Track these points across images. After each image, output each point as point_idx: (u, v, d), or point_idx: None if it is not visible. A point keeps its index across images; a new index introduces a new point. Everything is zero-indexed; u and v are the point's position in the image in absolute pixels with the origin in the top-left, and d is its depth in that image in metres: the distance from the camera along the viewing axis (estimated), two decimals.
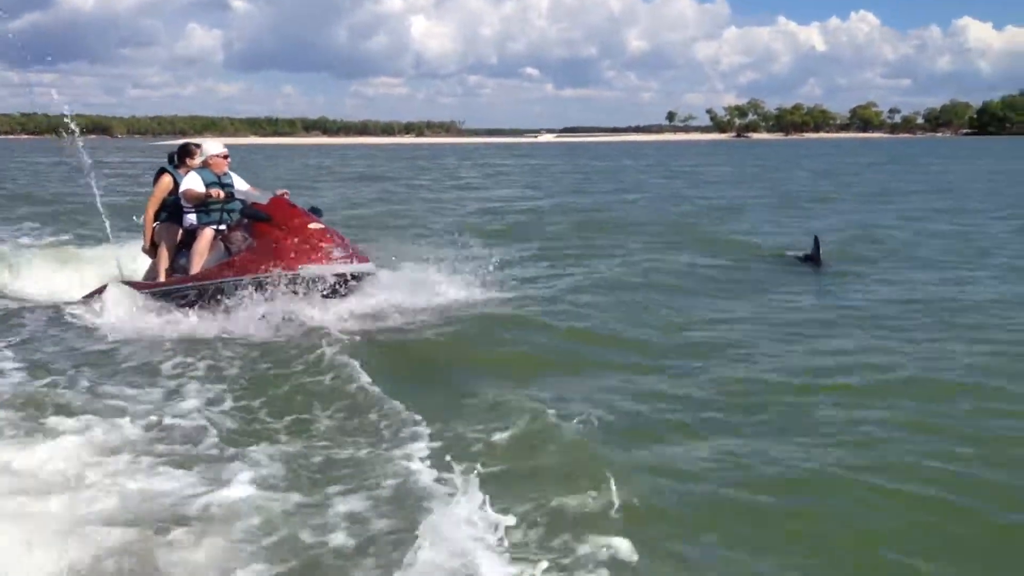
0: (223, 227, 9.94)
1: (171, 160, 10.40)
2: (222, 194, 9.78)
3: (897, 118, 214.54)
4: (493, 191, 31.07)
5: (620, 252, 14.31)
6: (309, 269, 8.94)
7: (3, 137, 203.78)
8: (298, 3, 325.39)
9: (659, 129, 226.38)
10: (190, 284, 9.52)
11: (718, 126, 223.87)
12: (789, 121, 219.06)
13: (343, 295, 9.12)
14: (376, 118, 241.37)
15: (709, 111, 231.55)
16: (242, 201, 9.83)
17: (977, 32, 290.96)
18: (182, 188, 9.89)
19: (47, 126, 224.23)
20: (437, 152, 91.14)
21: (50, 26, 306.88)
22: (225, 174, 10.10)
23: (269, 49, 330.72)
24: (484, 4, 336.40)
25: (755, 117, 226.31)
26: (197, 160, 10.21)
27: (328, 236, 9.31)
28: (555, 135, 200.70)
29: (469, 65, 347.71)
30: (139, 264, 11.24)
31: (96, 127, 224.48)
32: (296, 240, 9.13)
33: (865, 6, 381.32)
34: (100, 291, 10.30)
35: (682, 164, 57.21)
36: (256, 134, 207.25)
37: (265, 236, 9.23)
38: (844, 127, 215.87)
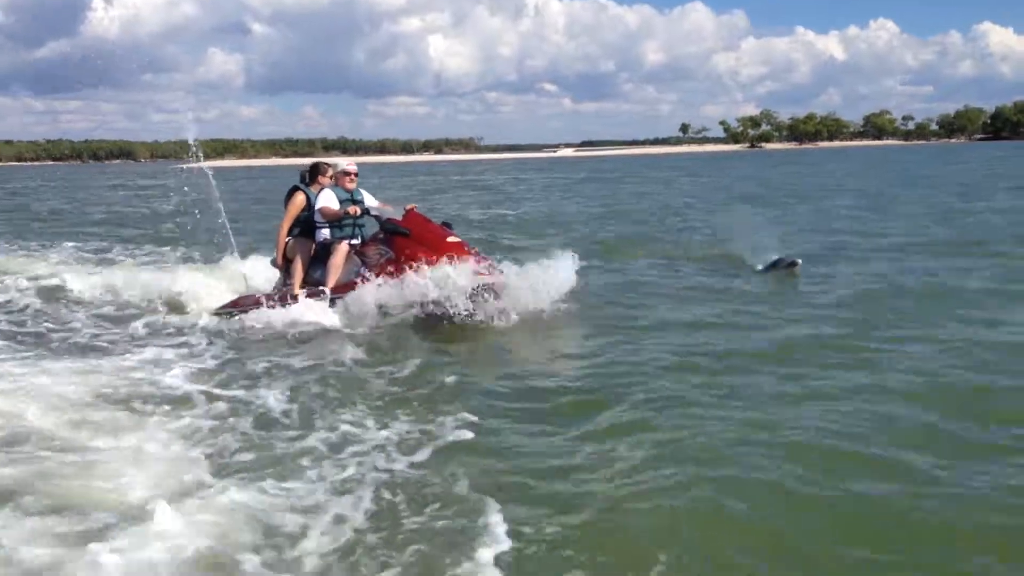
0: (356, 241, 10.35)
1: (303, 179, 10.80)
2: (358, 211, 10.18)
3: (911, 125, 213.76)
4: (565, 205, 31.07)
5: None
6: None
7: (30, 164, 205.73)
8: (317, 25, 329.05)
9: (677, 141, 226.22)
10: (334, 296, 9.88)
11: (732, 137, 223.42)
12: (803, 131, 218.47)
13: (482, 305, 9.48)
14: (395, 136, 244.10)
15: (722, 122, 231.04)
16: (377, 217, 10.22)
17: (998, 37, 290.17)
18: (318, 205, 10.30)
19: (71, 152, 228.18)
20: (463, 168, 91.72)
21: (75, 53, 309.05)
22: (355, 191, 10.52)
23: (289, 71, 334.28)
24: (502, 22, 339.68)
25: (768, 127, 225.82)
26: (328, 178, 10.64)
27: (465, 248, 9.69)
28: (573, 149, 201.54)
29: (488, 82, 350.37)
30: (262, 276, 11.71)
31: (121, 152, 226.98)
32: (435, 253, 9.50)
33: (884, 14, 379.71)
34: (235, 303, 10.71)
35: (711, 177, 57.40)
36: (276, 155, 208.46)
37: (405, 250, 9.61)
38: (858, 135, 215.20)
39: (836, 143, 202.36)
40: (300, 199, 10.68)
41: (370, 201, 10.59)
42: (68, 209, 34.02)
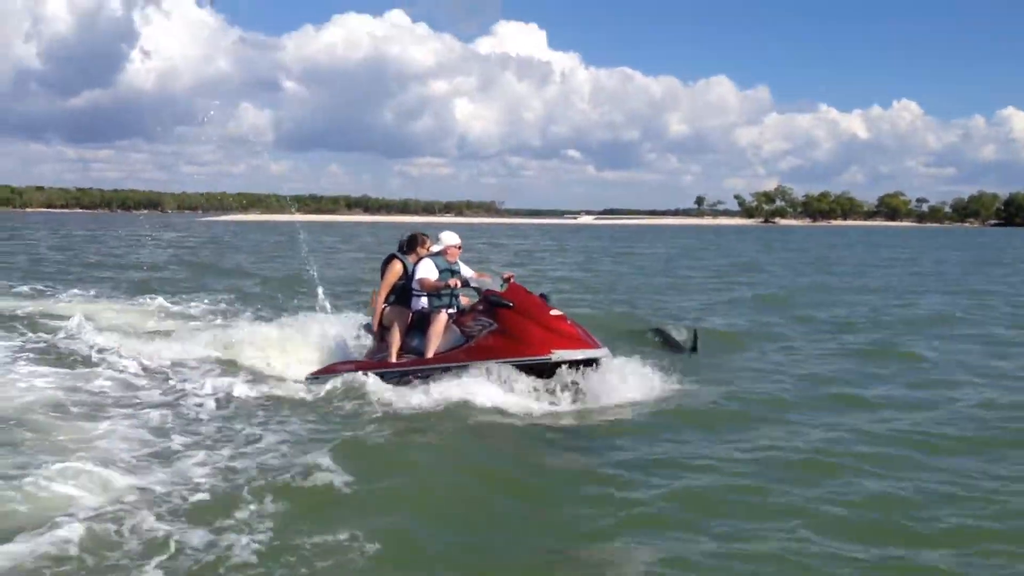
0: (453, 310, 10.35)
1: (401, 248, 10.84)
2: (458, 283, 10.20)
3: (924, 207, 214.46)
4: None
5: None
6: (560, 354, 9.28)
7: (60, 211, 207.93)
8: (347, 86, 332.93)
9: (699, 213, 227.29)
10: (435, 365, 9.84)
11: (747, 211, 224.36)
12: (817, 208, 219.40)
13: (584, 378, 9.43)
14: (419, 197, 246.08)
15: (737, 196, 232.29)
16: (476, 288, 10.22)
17: (1021, 122, 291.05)
18: (418, 275, 10.33)
19: (101, 200, 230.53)
20: (486, 232, 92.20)
21: (109, 104, 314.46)
22: (454, 262, 10.55)
23: (317, 129, 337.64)
24: (527, 88, 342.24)
25: (783, 203, 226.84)
26: (427, 249, 10.68)
27: (567, 322, 9.67)
28: (594, 217, 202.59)
29: (511, 146, 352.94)
30: (345, 340, 11.72)
31: (149, 202, 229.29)
32: (541, 326, 9.48)
33: (908, 95, 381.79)
34: (327, 370, 10.69)
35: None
36: (300, 211, 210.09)
37: (508, 321, 9.59)
38: (872, 215, 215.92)
39: (850, 222, 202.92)
40: (397, 268, 10.71)
41: (466, 271, 10.62)
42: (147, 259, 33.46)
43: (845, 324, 16.37)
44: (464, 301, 10.55)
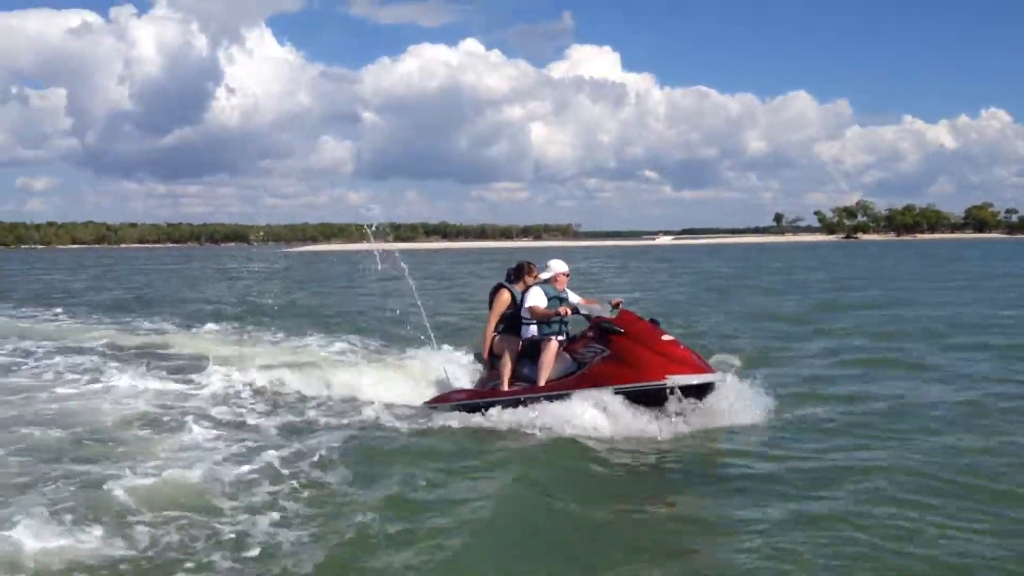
0: (562, 338, 10.40)
1: (508, 277, 10.96)
2: (568, 311, 10.25)
3: (1014, 218, 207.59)
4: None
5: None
6: (675, 379, 9.25)
7: (151, 246, 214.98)
8: (423, 115, 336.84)
9: (778, 230, 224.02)
10: (548, 392, 9.89)
11: (827, 227, 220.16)
12: (901, 222, 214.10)
13: (699, 403, 9.39)
14: (496, 222, 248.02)
15: (817, 212, 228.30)
16: (586, 316, 10.26)
17: None
18: (528, 304, 10.40)
19: (190, 234, 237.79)
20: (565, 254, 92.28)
21: (197, 141, 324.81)
22: (563, 289, 10.62)
23: (395, 158, 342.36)
24: (601, 110, 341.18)
25: (864, 218, 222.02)
26: (534, 277, 10.78)
27: (680, 347, 9.63)
28: (672, 237, 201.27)
29: (587, 169, 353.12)
30: (455, 370, 11.87)
31: (235, 235, 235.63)
32: (654, 351, 9.47)
33: (996, 103, 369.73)
34: (441, 399, 10.86)
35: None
36: (379, 239, 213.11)
37: (621, 347, 9.59)
38: (959, 227, 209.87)
39: (936, 235, 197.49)
40: (506, 297, 10.81)
41: (575, 298, 10.66)
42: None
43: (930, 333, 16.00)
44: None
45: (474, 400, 10.43)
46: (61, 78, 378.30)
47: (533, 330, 10.51)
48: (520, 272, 10.91)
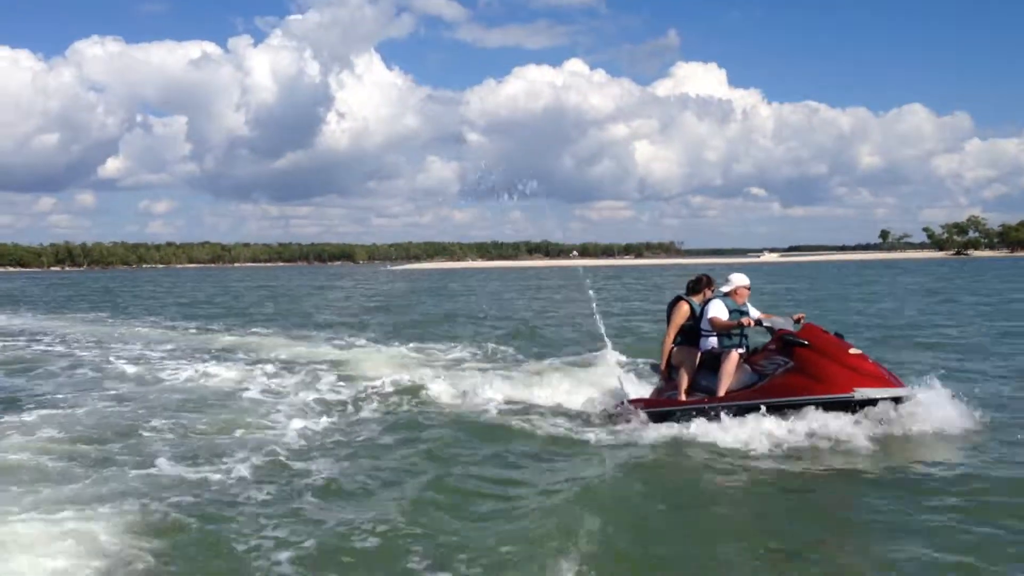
0: (742, 350, 10.56)
1: (688, 290, 11.20)
2: (751, 322, 10.41)
3: None
4: None
5: None
6: (863, 392, 9.32)
7: (263, 264, 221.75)
8: (528, 135, 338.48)
9: (886, 247, 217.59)
10: (731, 403, 10.06)
11: (936, 243, 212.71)
12: (1014, 238, 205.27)
13: (890, 418, 9.43)
14: (598, 240, 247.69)
15: (926, 228, 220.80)
16: (769, 328, 10.40)
17: None
18: (710, 315, 10.60)
19: (299, 254, 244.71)
20: (668, 271, 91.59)
21: (308, 164, 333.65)
22: (743, 303, 10.79)
23: (500, 178, 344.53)
24: (707, 127, 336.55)
25: (976, 234, 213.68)
26: (712, 291, 10.99)
27: (869, 360, 9.69)
28: (779, 254, 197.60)
29: (693, 186, 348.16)
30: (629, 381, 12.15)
31: (343, 254, 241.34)
32: (841, 364, 9.54)
33: None
34: (620, 407, 11.16)
35: None
36: (483, 258, 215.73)
37: (807, 360, 9.68)
38: None
39: None
40: (685, 309, 11.02)
41: (755, 312, 10.77)
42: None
43: None
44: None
45: (658, 408, 10.68)
46: (182, 106, 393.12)
47: (713, 342, 10.69)
48: (699, 285, 11.10)
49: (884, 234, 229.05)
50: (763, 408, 9.66)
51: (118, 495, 7.67)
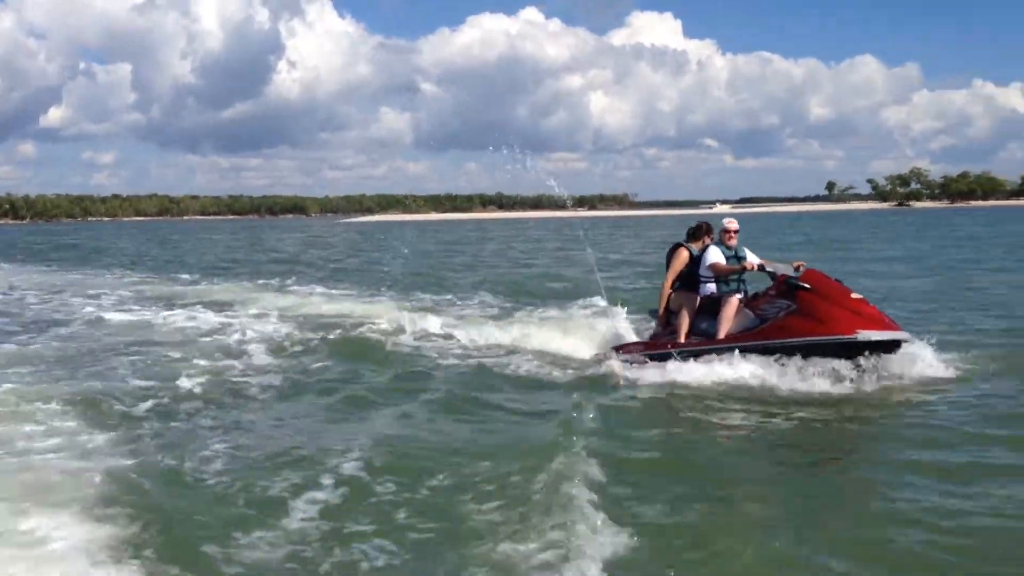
0: (740, 295, 10.69)
1: (688, 236, 11.28)
2: (754, 266, 10.53)
3: None
4: None
5: None
6: (865, 334, 9.50)
7: (212, 218, 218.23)
8: (482, 85, 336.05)
9: (832, 199, 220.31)
10: (731, 344, 10.20)
11: (880, 195, 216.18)
12: (955, 189, 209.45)
13: (886, 361, 9.63)
14: (551, 192, 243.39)
15: (871, 180, 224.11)
16: (771, 273, 10.52)
17: None
18: (710, 261, 10.72)
19: (250, 207, 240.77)
20: (620, 223, 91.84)
21: (258, 114, 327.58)
22: (738, 247, 10.90)
23: (454, 129, 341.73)
24: (662, 78, 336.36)
25: (918, 186, 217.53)
26: (711, 237, 11.10)
27: (869, 305, 9.87)
28: (730, 206, 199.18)
29: (647, 138, 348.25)
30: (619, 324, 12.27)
31: (294, 207, 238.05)
32: (844, 307, 9.71)
33: None
34: (621, 349, 11.27)
35: None
36: (436, 210, 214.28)
37: (810, 303, 9.84)
38: (1015, 194, 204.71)
39: (992, 202, 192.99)
40: (684, 255, 11.15)
41: (752, 257, 10.91)
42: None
43: None
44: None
45: (657, 351, 10.79)
46: (126, 53, 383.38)
47: (711, 287, 10.84)
48: (699, 232, 11.24)
49: (830, 186, 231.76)
50: (766, 350, 9.84)
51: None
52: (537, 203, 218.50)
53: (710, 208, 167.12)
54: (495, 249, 43.69)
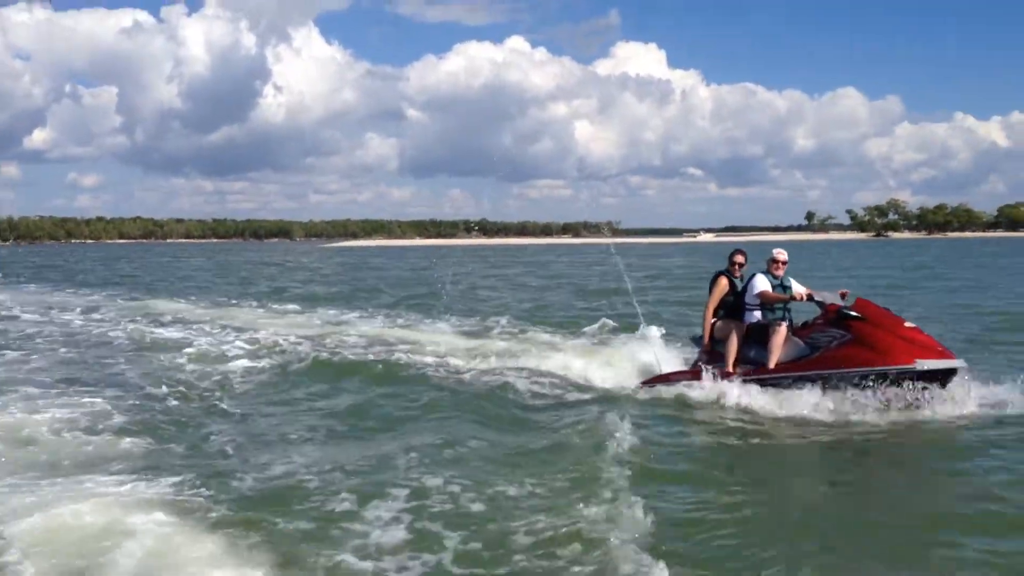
0: (785, 323, 10.52)
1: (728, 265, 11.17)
2: (803, 296, 10.39)
3: None
4: None
5: None
6: (924, 363, 9.35)
7: (197, 241, 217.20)
8: (468, 112, 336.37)
9: (812, 229, 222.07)
10: (785, 374, 10.04)
11: (859, 225, 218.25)
12: (932, 220, 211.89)
13: (939, 389, 9.48)
14: (537, 219, 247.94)
15: (849, 211, 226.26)
16: (819, 302, 10.37)
17: None
18: (758, 289, 10.55)
19: (235, 230, 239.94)
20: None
21: (244, 138, 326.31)
22: (784, 276, 10.76)
23: (439, 155, 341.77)
24: (647, 108, 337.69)
25: (895, 216, 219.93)
26: (746, 265, 11.07)
27: (921, 332, 9.73)
28: (714, 235, 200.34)
29: (631, 166, 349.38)
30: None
31: (280, 231, 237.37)
32: (899, 337, 9.57)
33: None
34: (661, 379, 11.06)
35: None
36: (420, 236, 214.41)
37: (865, 333, 9.68)
38: (991, 226, 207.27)
39: (968, 234, 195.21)
40: (724, 283, 11.03)
41: (797, 287, 10.77)
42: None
43: None
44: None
45: (696, 380, 10.60)
46: (112, 77, 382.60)
47: (757, 315, 10.66)
48: (736, 261, 11.15)
49: (810, 216, 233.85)
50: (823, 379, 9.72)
51: None
52: (522, 230, 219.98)
53: (694, 236, 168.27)
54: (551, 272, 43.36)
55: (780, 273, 10.75)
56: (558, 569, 5.31)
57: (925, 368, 9.34)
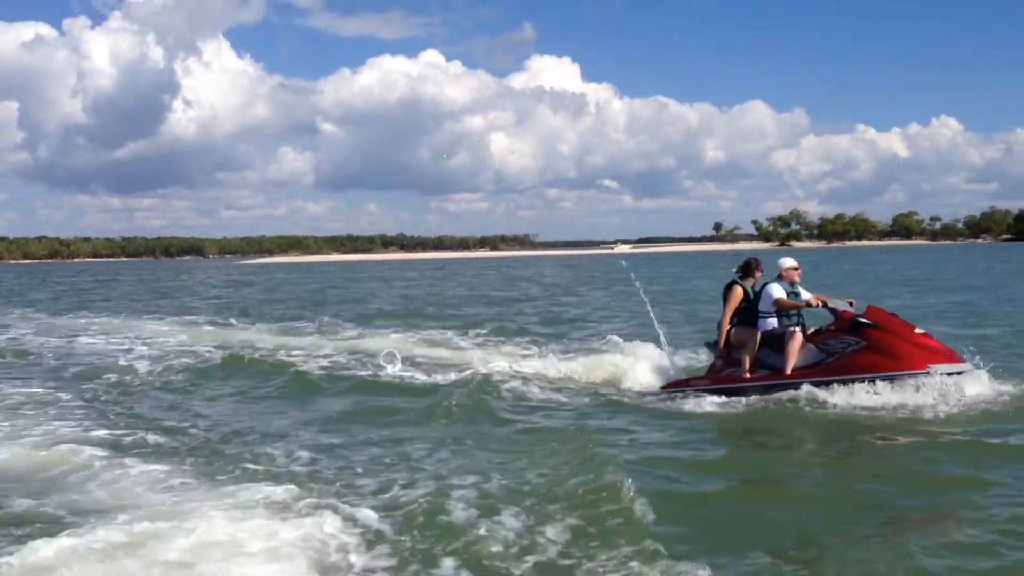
0: (797, 329, 11.01)
1: (739, 274, 11.59)
2: (818, 303, 10.86)
3: (938, 225, 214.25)
4: None
5: None
6: (937, 368, 9.93)
7: (106, 260, 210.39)
8: (383, 126, 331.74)
9: (720, 239, 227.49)
10: (801, 379, 10.52)
11: (763, 236, 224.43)
12: (831, 230, 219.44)
13: (951, 391, 10.02)
14: (455, 233, 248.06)
15: (755, 221, 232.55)
16: (832, 310, 10.86)
17: None
18: (775, 297, 10.96)
19: (145, 248, 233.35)
20: (523, 263, 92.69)
21: (152, 153, 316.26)
22: (795, 283, 11.24)
23: (356, 170, 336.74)
24: (562, 121, 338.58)
25: (798, 227, 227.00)
26: (761, 272, 11.50)
27: (931, 338, 10.31)
28: (631, 246, 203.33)
29: (547, 179, 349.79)
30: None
31: (192, 248, 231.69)
32: (912, 343, 10.13)
33: (946, 111, 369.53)
34: (679, 384, 11.46)
35: None
36: (337, 251, 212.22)
37: (879, 340, 10.20)
38: (886, 235, 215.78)
39: (864, 243, 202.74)
40: (739, 292, 11.42)
41: (806, 294, 11.22)
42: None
43: None
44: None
45: (726, 385, 11.04)
46: (13, 91, 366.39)
47: (772, 322, 11.07)
48: (749, 268, 11.55)
49: (717, 226, 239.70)
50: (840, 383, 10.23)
51: None
52: (439, 244, 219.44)
53: (611, 248, 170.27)
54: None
55: (796, 279, 11.21)
56: (558, 569, 5.52)
57: (938, 373, 9.90)
